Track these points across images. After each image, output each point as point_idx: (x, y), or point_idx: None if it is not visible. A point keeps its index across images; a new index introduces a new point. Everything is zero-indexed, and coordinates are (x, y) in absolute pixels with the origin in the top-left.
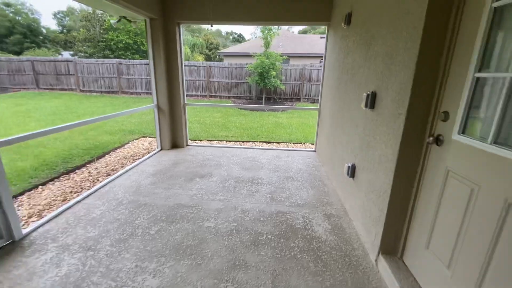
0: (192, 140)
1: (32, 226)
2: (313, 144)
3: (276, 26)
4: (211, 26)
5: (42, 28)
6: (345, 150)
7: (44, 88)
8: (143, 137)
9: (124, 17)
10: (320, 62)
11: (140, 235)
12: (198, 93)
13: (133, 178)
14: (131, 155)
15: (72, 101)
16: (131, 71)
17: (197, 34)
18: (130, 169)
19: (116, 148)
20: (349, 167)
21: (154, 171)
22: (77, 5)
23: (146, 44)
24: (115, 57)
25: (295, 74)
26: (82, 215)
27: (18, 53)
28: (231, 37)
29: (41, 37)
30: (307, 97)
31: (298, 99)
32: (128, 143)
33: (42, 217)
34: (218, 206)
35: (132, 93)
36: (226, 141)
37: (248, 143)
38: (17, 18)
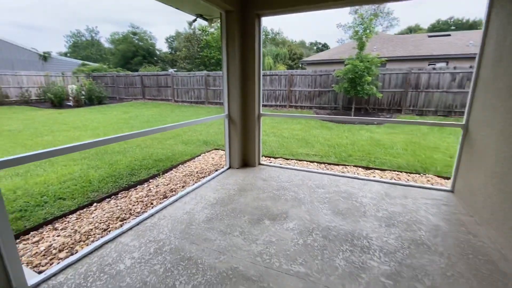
0: (266, 156)
1: (41, 275)
2: (448, 178)
3: (371, 27)
4: None
5: (156, 51)
6: None
7: (148, 99)
8: (216, 149)
9: (200, 15)
10: (429, 65)
11: None
12: (278, 103)
13: (187, 208)
14: (197, 172)
15: (166, 110)
16: (217, 82)
17: (281, 45)
18: (188, 192)
19: (185, 161)
20: None
21: (214, 199)
22: (182, 29)
23: (221, 43)
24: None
25: (396, 80)
26: (108, 264)
27: (137, 71)
28: (315, 47)
29: (155, 58)
30: (411, 107)
31: (399, 111)
32: (199, 155)
33: (72, 254)
34: None
35: (217, 103)
36: (307, 161)
37: (337, 166)
38: (140, 43)
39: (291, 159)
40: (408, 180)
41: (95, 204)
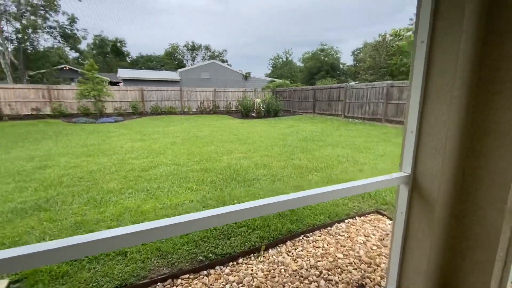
0: None
1: None
2: None
3: None
4: None
5: (340, 65)
6: None
7: (318, 113)
8: (378, 212)
9: None
10: None
11: None
12: None
13: None
14: (322, 271)
15: (330, 127)
16: (404, 95)
17: None
18: None
19: (313, 229)
20: None
21: None
22: (370, 39)
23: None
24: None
25: None
26: None
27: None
28: None
29: (337, 72)
30: None
31: None
32: (343, 220)
33: None
34: None
35: (398, 122)
36: None
37: None
38: (325, 59)
39: None
40: None
41: None
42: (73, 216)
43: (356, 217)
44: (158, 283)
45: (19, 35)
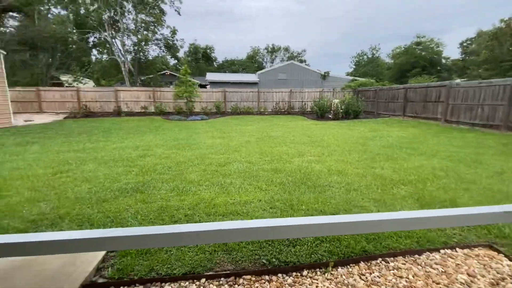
0: None
1: None
2: None
3: None
4: None
5: (442, 59)
6: None
7: (409, 116)
8: (490, 246)
9: None
10: None
11: None
12: None
13: None
14: None
15: (425, 133)
16: None
17: None
18: None
19: (395, 254)
20: None
21: None
22: (488, 26)
23: None
24: None
25: None
26: None
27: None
28: None
29: (438, 67)
30: None
31: None
32: (435, 250)
33: None
34: None
35: None
36: None
37: None
38: (422, 54)
39: None
40: None
41: None
42: (160, 200)
43: (457, 249)
44: (222, 278)
45: (135, 47)
